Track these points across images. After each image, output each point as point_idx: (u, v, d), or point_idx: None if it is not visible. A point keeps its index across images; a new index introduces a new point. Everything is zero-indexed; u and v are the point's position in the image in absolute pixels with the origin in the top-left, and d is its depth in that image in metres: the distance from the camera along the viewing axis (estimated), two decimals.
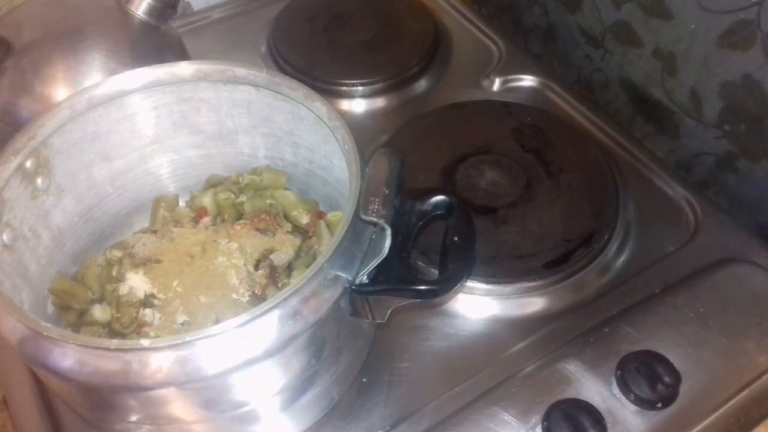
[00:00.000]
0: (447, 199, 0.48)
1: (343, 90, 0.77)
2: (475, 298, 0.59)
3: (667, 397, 0.51)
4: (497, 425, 0.50)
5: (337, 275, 0.42)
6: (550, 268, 0.59)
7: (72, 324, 0.51)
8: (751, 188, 0.66)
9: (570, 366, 0.53)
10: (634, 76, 0.75)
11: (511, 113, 0.73)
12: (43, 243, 0.52)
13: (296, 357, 0.43)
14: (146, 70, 0.53)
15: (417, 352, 0.56)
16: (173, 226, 0.56)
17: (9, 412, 0.54)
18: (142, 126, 0.56)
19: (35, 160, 0.49)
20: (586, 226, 0.62)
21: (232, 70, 0.53)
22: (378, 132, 0.73)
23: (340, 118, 0.49)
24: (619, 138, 0.72)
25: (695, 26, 0.65)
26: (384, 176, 0.46)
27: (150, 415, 0.43)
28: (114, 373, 0.38)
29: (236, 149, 0.60)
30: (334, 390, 0.50)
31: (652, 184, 0.68)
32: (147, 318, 0.50)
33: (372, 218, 0.43)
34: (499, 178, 0.66)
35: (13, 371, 0.55)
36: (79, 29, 0.61)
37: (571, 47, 0.82)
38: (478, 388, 0.53)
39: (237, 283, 0.51)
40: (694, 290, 0.58)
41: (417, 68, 0.79)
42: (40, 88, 0.59)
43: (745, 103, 0.63)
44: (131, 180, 0.58)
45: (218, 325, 0.38)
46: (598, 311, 0.57)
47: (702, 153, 0.70)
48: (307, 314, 0.40)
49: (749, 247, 0.61)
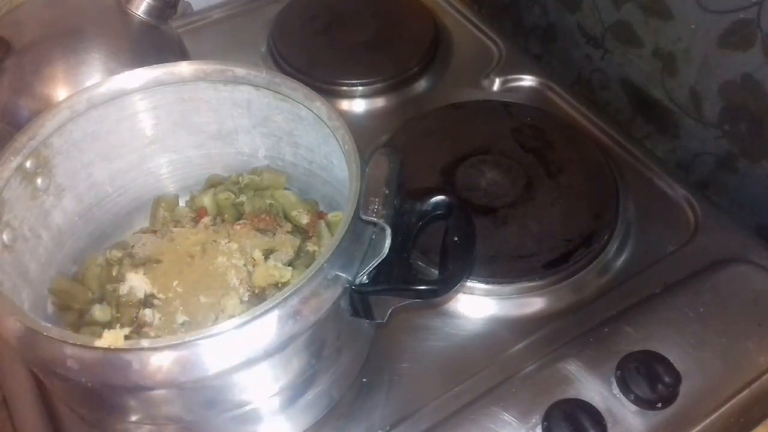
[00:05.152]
0: (447, 199, 0.48)
1: (343, 90, 0.77)
2: (475, 298, 0.59)
3: (667, 397, 0.51)
4: (497, 425, 0.50)
5: (337, 275, 0.42)
6: (550, 268, 0.59)
7: (72, 324, 0.51)
8: (751, 188, 0.66)
9: (570, 366, 0.53)
10: (634, 76, 0.75)
11: (511, 113, 0.73)
12: (43, 243, 0.52)
13: (296, 357, 0.43)
14: (146, 70, 0.53)
15: (417, 352, 0.56)
16: (173, 226, 0.56)
17: (9, 412, 0.54)
18: (142, 126, 0.56)
19: (35, 160, 0.49)
20: (586, 226, 0.62)
21: (232, 70, 0.53)
22: (378, 132, 0.73)
23: (340, 118, 0.49)
24: (619, 138, 0.72)
25: (695, 26, 0.65)
26: (384, 176, 0.46)
27: (150, 415, 0.43)
28: (114, 373, 0.38)
29: (236, 149, 0.60)
30: (334, 390, 0.50)
31: (652, 184, 0.68)
32: (147, 318, 0.50)
33: (372, 218, 0.43)
34: (499, 178, 0.66)
35: (13, 371, 0.55)
36: (79, 29, 0.62)
37: (571, 47, 0.82)
38: (478, 388, 0.53)
39: (237, 283, 0.51)
40: (694, 290, 0.58)
41: (417, 68, 0.79)
42: (40, 88, 0.59)
43: (745, 103, 0.63)
44: (131, 180, 0.58)
45: (218, 325, 0.38)
46: (598, 311, 0.57)
47: (702, 153, 0.70)
48: (307, 314, 0.40)
49: (749, 247, 0.61)
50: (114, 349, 0.38)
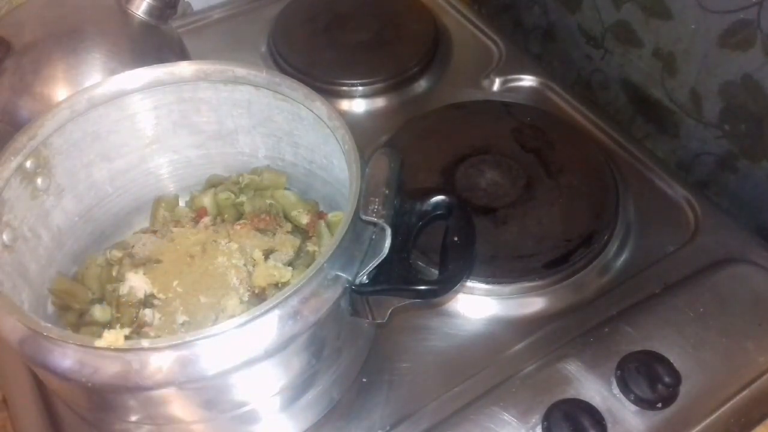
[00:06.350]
0: (447, 199, 0.48)
1: (343, 90, 0.77)
2: (475, 298, 0.59)
3: (667, 397, 0.51)
4: (497, 425, 0.51)
5: (337, 275, 0.42)
6: (550, 268, 0.59)
7: (72, 324, 0.51)
8: (751, 188, 0.66)
9: (570, 366, 0.53)
10: (634, 76, 0.75)
11: (511, 113, 0.73)
12: (43, 243, 0.52)
13: (296, 357, 0.43)
14: (146, 70, 0.53)
15: (417, 352, 0.56)
16: (173, 226, 0.56)
17: (9, 412, 0.54)
18: (142, 126, 0.56)
19: (35, 160, 0.50)
20: (586, 226, 0.62)
21: (232, 70, 0.53)
22: (378, 132, 0.73)
23: (340, 118, 0.49)
24: (619, 138, 0.72)
25: (695, 26, 0.65)
26: (384, 176, 0.46)
27: (150, 415, 0.43)
28: (114, 373, 0.38)
29: (236, 149, 0.60)
30: (334, 390, 0.50)
31: (652, 184, 0.68)
32: (147, 318, 0.50)
33: (372, 218, 0.43)
34: (499, 178, 0.66)
35: (13, 371, 0.55)
36: (79, 29, 0.61)
37: (571, 47, 0.82)
38: (478, 388, 0.53)
39: (237, 283, 0.51)
40: (694, 290, 0.58)
41: (417, 68, 0.79)
42: (40, 88, 0.59)
43: (745, 103, 0.63)
44: (131, 180, 0.58)
45: (218, 325, 0.38)
46: (598, 311, 0.57)
47: (702, 153, 0.70)
48: (307, 314, 0.40)
49: (749, 247, 0.61)
50: (114, 349, 0.38)
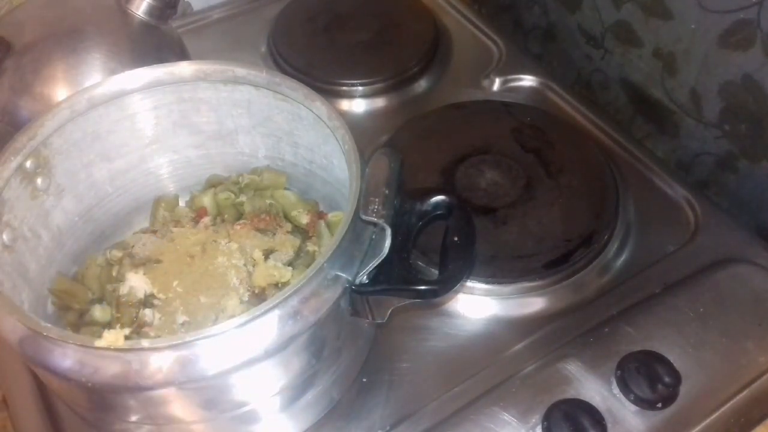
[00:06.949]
0: (447, 199, 0.48)
1: (343, 90, 0.77)
2: (475, 298, 0.59)
3: (667, 397, 0.51)
4: (497, 425, 0.50)
5: (337, 275, 0.42)
6: (550, 268, 0.59)
7: (72, 324, 0.51)
8: (751, 188, 0.66)
9: (570, 366, 0.53)
10: (634, 76, 0.75)
11: (511, 113, 0.73)
12: (43, 243, 0.52)
13: (296, 357, 0.43)
14: (146, 70, 0.53)
15: (417, 352, 0.56)
16: (173, 226, 0.56)
17: (9, 412, 0.54)
18: (142, 126, 0.56)
19: (35, 160, 0.50)
20: (586, 226, 0.62)
21: (232, 70, 0.53)
22: (378, 132, 0.73)
23: (340, 118, 0.49)
24: (619, 138, 0.72)
25: (695, 26, 0.65)
26: (384, 176, 0.46)
27: (150, 415, 0.43)
28: (114, 373, 0.38)
29: (236, 149, 0.60)
30: (334, 390, 0.50)
31: (652, 184, 0.68)
32: (147, 318, 0.50)
33: (372, 218, 0.43)
34: (499, 178, 0.66)
35: (13, 371, 0.55)
36: (79, 29, 0.62)
37: (571, 47, 0.82)
38: (478, 388, 0.53)
39: (237, 283, 0.51)
40: (694, 290, 0.58)
41: (417, 68, 0.79)
42: (40, 88, 0.59)
43: (745, 103, 0.63)
44: (131, 180, 0.58)
45: (218, 325, 0.38)
46: (598, 311, 0.57)
47: (702, 153, 0.70)
48: (307, 314, 0.40)
49: (749, 247, 0.61)
50: (114, 349, 0.38)
